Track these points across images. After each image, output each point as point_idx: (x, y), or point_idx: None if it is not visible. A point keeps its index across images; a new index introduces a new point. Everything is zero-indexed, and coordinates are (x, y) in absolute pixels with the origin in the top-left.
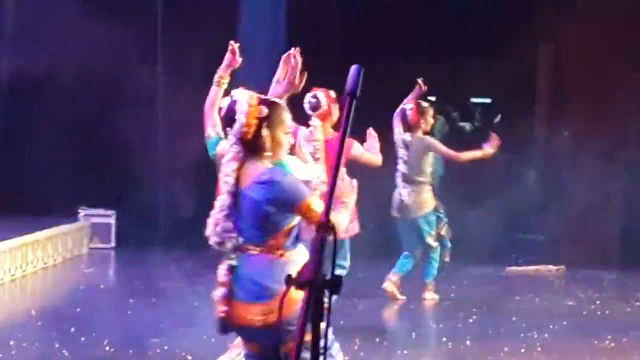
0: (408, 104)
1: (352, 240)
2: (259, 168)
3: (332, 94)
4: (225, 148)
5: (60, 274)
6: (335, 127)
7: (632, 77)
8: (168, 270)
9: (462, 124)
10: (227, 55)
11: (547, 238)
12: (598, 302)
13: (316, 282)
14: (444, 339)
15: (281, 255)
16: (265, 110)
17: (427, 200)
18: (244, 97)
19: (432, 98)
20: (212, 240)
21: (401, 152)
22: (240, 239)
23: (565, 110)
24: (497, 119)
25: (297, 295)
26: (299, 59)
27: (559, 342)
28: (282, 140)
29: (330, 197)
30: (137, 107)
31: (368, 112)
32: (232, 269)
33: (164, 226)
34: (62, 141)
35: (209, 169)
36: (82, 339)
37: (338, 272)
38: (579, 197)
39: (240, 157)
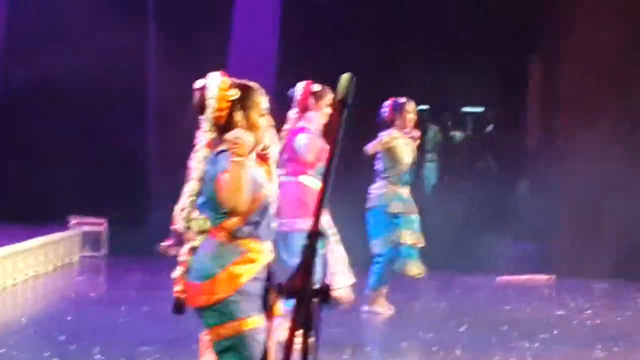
0: (385, 102)
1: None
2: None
3: (315, 87)
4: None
5: (52, 282)
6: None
7: (623, 85)
8: (159, 279)
9: (453, 132)
10: None
11: (538, 247)
12: (589, 311)
13: (306, 291)
14: (435, 348)
15: (230, 239)
16: (236, 93)
17: (382, 195)
18: (214, 82)
19: (425, 107)
20: (179, 226)
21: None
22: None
23: (557, 119)
24: (489, 128)
25: (229, 284)
26: None
27: (549, 352)
28: (258, 122)
29: (320, 204)
30: (129, 115)
31: (359, 120)
32: (192, 250)
33: (155, 234)
34: (53, 149)
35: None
36: (73, 347)
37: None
38: (570, 205)
39: (214, 144)
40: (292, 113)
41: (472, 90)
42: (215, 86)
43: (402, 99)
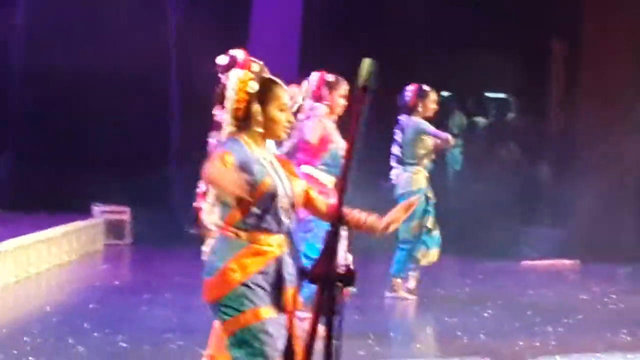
0: (409, 86)
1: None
2: None
3: (329, 77)
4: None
5: (75, 270)
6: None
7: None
8: (183, 266)
9: (476, 118)
10: None
11: (562, 232)
12: (613, 296)
13: (330, 275)
14: (459, 333)
15: (234, 234)
16: (255, 85)
17: (413, 180)
18: (235, 74)
19: (448, 93)
20: (204, 222)
21: (397, 135)
22: None
23: (579, 105)
24: (512, 113)
25: (233, 277)
26: None
27: (573, 336)
28: (277, 117)
29: (342, 192)
30: (153, 103)
31: (379, 106)
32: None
33: (179, 222)
34: (76, 137)
35: None
36: (96, 334)
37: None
38: (593, 190)
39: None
40: (307, 103)
41: (495, 75)
42: (235, 78)
43: (427, 87)
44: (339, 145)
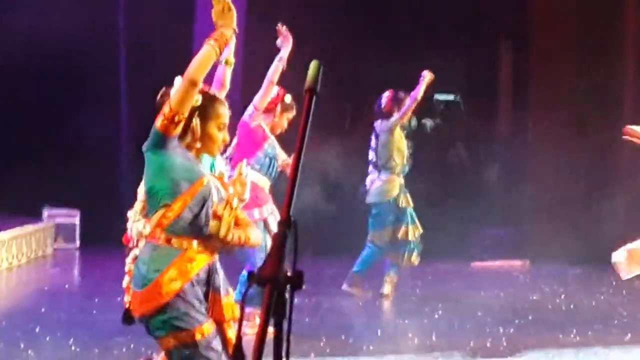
0: (385, 92)
1: (322, 237)
2: None
3: (288, 98)
4: None
5: (25, 274)
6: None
7: (590, 71)
8: None
9: (424, 120)
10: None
11: (511, 232)
12: (563, 296)
13: (278, 279)
14: (410, 334)
15: (166, 240)
16: (199, 99)
17: (384, 190)
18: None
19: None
20: (129, 231)
21: (372, 140)
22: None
23: (528, 105)
24: (460, 115)
25: (171, 287)
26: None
27: (524, 337)
28: (215, 134)
29: (291, 193)
30: (101, 103)
31: (329, 108)
32: (135, 258)
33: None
34: (25, 138)
35: None
36: (47, 338)
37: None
38: (542, 191)
39: None
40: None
41: (443, 77)
42: None
43: (402, 93)
44: (274, 144)
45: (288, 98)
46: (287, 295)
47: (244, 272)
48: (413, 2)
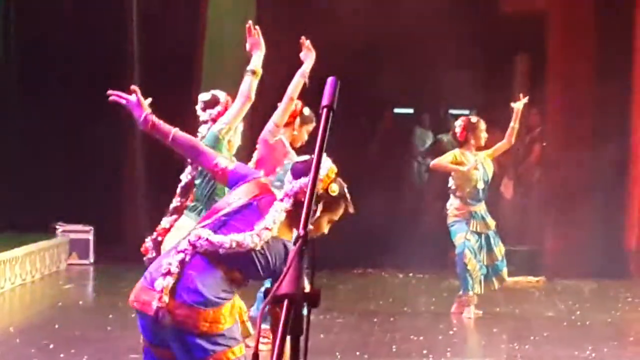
0: (458, 121)
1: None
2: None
3: (306, 111)
4: None
5: (39, 290)
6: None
7: (607, 85)
8: None
9: (440, 135)
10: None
11: (527, 249)
12: (578, 312)
13: (295, 296)
14: (425, 351)
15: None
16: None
17: (451, 212)
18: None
19: (410, 110)
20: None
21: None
22: None
23: (544, 120)
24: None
25: (232, 314)
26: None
27: (540, 354)
28: (322, 225)
29: (308, 209)
30: (115, 119)
31: (342, 126)
32: (183, 263)
33: (142, 241)
34: (40, 155)
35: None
36: (62, 355)
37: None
38: (557, 206)
39: None
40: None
41: (459, 92)
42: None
43: (474, 118)
44: (294, 159)
45: (307, 110)
46: (304, 312)
47: (262, 289)
48: (428, 16)
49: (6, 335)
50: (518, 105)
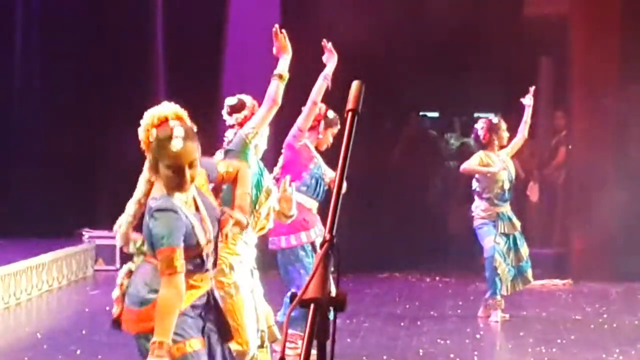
0: (479, 123)
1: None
2: (156, 189)
3: (330, 114)
4: None
5: (66, 296)
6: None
7: (629, 89)
8: None
9: (466, 139)
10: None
11: (553, 252)
12: (605, 315)
13: (321, 300)
14: (452, 355)
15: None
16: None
17: (477, 215)
18: (149, 114)
19: (436, 114)
20: (118, 243)
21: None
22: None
23: (569, 123)
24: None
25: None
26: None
27: (567, 357)
28: (166, 173)
29: (334, 214)
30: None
31: (368, 127)
32: (130, 273)
33: None
34: (66, 161)
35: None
36: None
37: None
38: (585, 210)
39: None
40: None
41: (484, 95)
42: (148, 117)
43: (495, 119)
44: (320, 163)
45: (331, 113)
46: (330, 316)
47: (288, 294)
48: (453, 19)
49: (34, 341)
50: (527, 101)
